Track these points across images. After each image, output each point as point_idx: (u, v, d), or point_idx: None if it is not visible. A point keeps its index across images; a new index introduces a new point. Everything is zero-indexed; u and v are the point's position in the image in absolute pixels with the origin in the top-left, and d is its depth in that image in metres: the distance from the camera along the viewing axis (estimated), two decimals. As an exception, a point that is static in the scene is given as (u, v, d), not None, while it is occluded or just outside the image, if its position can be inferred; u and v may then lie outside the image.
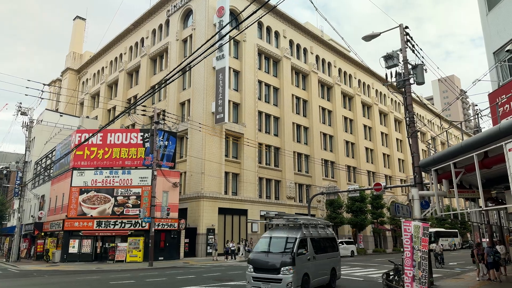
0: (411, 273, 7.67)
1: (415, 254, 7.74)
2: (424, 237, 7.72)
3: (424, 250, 7.66)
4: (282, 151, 39.10)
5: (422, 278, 7.45)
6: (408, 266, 7.75)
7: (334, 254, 13.18)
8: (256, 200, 34.77)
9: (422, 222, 7.87)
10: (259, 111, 37.88)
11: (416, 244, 7.76)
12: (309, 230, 12.07)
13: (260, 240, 12.22)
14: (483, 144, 10.14)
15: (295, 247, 10.69)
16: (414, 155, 13.72)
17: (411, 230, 7.89)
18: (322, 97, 47.29)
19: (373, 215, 41.71)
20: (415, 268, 7.65)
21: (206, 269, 19.08)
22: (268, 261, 10.76)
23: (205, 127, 31.23)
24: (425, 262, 7.56)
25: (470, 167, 11.36)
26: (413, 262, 7.71)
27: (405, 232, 7.90)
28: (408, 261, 7.75)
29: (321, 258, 12.06)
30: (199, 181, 30.99)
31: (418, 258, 7.65)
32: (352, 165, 48.99)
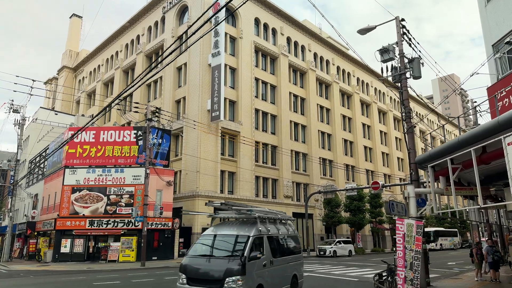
0: (403, 274, 7.21)
1: (407, 254, 7.28)
2: (417, 235, 7.26)
3: (417, 250, 7.20)
4: (279, 150, 38.63)
5: (415, 280, 6.99)
6: (400, 266, 7.29)
7: (296, 257, 10.79)
8: (252, 199, 34.29)
9: (415, 220, 7.40)
10: (256, 109, 37.40)
11: (408, 244, 7.30)
12: (266, 226, 9.50)
13: (200, 239, 9.49)
14: (481, 138, 9.68)
15: (247, 249, 8.14)
16: (410, 151, 13.26)
17: (404, 229, 7.43)
18: (320, 95, 46.80)
19: (372, 214, 41.27)
20: (407, 268, 7.19)
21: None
22: (208, 269, 8.11)
23: (200, 125, 30.76)
24: (417, 263, 7.10)
25: (468, 163, 10.89)
26: (405, 263, 7.24)
27: (397, 231, 7.44)
28: (400, 261, 7.29)
29: (281, 262, 9.60)
30: (194, 180, 30.52)
31: (411, 258, 7.19)
32: (350, 164, 48.52)
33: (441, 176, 12.52)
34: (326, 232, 41.97)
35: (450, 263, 24.08)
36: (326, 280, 14.19)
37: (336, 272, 17.01)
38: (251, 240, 8.41)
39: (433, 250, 44.14)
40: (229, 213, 10.00)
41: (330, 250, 31.84)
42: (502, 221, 22.56)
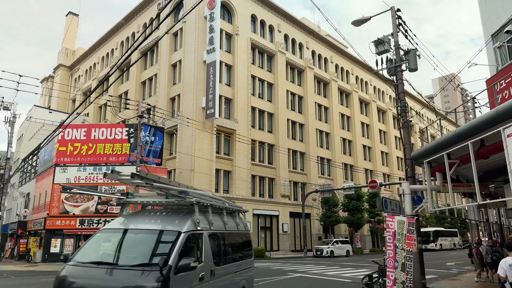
0: (393, 276, 6.62)
1: (398, 253, 6.69)
2: (409, 234, 6.68)
3: (409, 250, 6.62)
4: (276, 148, 38.04)
5: (407, 282, 6.41)
6: (390, 267, 6.70)
7: (246, 262, 7.83)
8: (248, 198, 33.72)
9: (407, 217, 6.83)
10: (253, 107, 36.82)
11: (399, 242, 6.71)
12: (208, 218, 6.47)
13: (97, 235, 6.08)
14: (479, 130, 9.10)
15: (173, 254, 5.18)
16: (405, 146, 12.67)
17: (394, 226, 6.84)
18: (318, 93, 46.21)
19: (370, 214, 40.68)
20: (398, 269, 6.60)
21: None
22: (106, 286, 4.90)
23: (195, 122, 30.18)
24: (410, 264, 6.52)
25: (465, 157, 10.31)
26: (395, 263, 6.66)
27: (387, 229, 6.86)
28: (390, 261, 6.70)
29: (227, 272, 6.66)
30: (188, 179, 29.93)
31: (402, 259, 6.61)
32: (349, 163, 47.92)
33: (437, 172, 11.94)
34: (324, 232, 41.38)
35: (449, 263, 23.49)
36: (317, 281, 13.61)
37: (330, 272, 16.43)
38: (182, 239, 5.38)
39: (432, 250, 43.57)
40: (150, 197, 6.91)
41: (327, 250, 31.25)
42: (502, 220, 21.94)
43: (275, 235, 36.28)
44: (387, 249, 6.79)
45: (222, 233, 6.88)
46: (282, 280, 13.60)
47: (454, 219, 57.60)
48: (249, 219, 33.33)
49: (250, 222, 33.35)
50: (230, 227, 7.41)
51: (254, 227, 33.99)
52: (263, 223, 35.43)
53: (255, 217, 34.34)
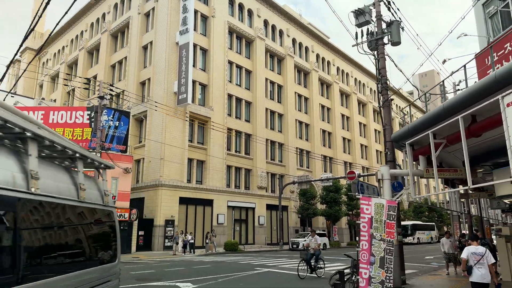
0: (367, 274, 5.20)
1: (375, 245, 5.28)
2: (389, 220, 5.28)
3: (390, 240, 5.22)
4: (253, 138, 36.53)
5: (387, 282, 5.03)
6: (363, 262, 5.28)
7: (99, 271, 4.23)
8: (223, 189, 32.15)
9: (387, 200, 5.42)
10: (229, 94, 35.12)
11: (377, 231, 5.30)
12: (26, 166, 3.06)
13: None
14: (471, 102, 7.79)
15: None
16: (386, 127, 11.34)
17: (371, 211, 5.42)
18: (299, 83, 44.87)
19: (348, 206, 39.82)
20: (374, 266, 5.19)
21: (146, 265, 16.37)
22: None
23: (166, 108, 28.28)
24: (390, 258, 5.13)
25: (454, 137, 9.03)
26: (371, 258, 5.24)
27: (362, 214, 5.43)
28: (364, 255, 5.29)
29: None
30: (158, 168, 28.11)
31: (381, 252, 5.20)
32: (328, 155, 46.92)
33: (420, 155, 10.67)
34: (302, 225, 40.31)
35: (428, 257, 22.65)
36: (285, 277, 12.22)
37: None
38: None
39: (410, 244, 43.18)
40: None
41: (303, 243, 30.02)
42: (483, 212, 21.16)
43: (251, 228, 34.90)
44: (360, 240, 5.36)
45: (55, 207, 3.41)
46: (246, 276, 12.15)
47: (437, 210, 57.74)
48: (224, 211, 31.85)
49: (225, 214, 31.86)
50: (72, 195, 3.76)
51: (228, 219, 32.49)
52: (238, 215, 33.97)
53: (230, 209, 32.84)
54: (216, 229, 30.31)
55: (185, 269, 13.98)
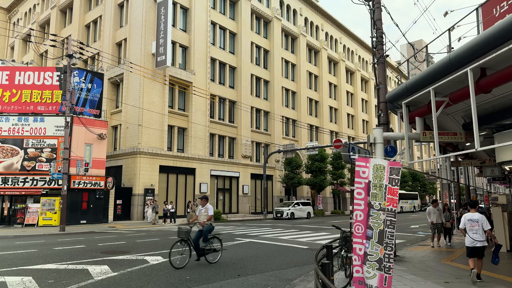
0: (362, 250, 4.21)
1: (373, 216, 4.25)
2: (392, 185, 4.24)
3: (392, 210, 4.20)
4: (238, 105, 35.13)
5: (386, 260, 4.06)
6: (358, 236, 4.28)
7: None
8: (206, 158, 31.04)
9: (389, 161, 4.37)
10: (212, 58, 33.29)
11: (376, 199, 4.27)
12: None
13: None
14: (483, 51, 6.68)
15: None
16: (380, 86, 10.20)
17: (369, 175, 4.36)
18: (286, 49, 43.05)
19: (333, 175, 39.44)
20: (371, 241, 4.19)
21: (119, 235, 15.38)
22: None
23: (143, 70, 26.48)
24: (391, 232, 4.15)
25: (457, 94, 7.96)
26: (368, 231, 4.23)
27: (357, 178, 4.38)
28: (358, 227, 4.28)
29: None
30: (136, 135, 26.66)
31: (379, 225, 4.19)
32: (314, 124, 46.02)
33: (417, 117, 9.65)
34: (286, 194, 39.92)
35: (414, 226, 22.38)
36: (266, 248, 11.39)
37: (285, 237, 14.36)
38: None
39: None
40: None
41: (288, 212, 29.62)
42: (470, 181, 20.75)
43: (235, 197, 34.22)
44: (354, 210, 4.33)
45: None
46: (225, 247, 11.25)
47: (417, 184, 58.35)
48: (207, 180, 30.93)
49: (208, 183, 30.95)
50: None
51: (212, 188, 31.65)
52: (222, 184, 33.13)
53: (213, 178, 31.92)
54: (197, 198, 29.43)
55: (159, 240, 13.02)
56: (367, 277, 4.10)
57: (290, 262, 8.76)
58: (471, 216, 7.15)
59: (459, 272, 7.68)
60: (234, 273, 7.38)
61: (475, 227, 7.00)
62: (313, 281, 6.56)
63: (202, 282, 6.59)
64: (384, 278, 4.11)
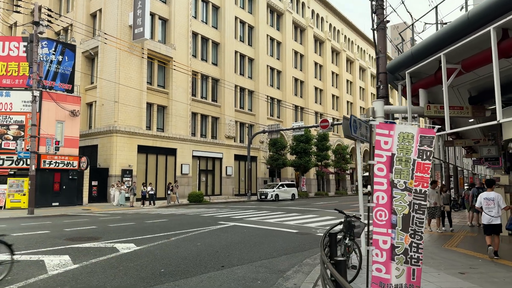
0: (387, 242, 3.27)
1: (396, 198, 3.29)
2: (422, 160, 3.29)
3: (421, 191, 3.26)
4: (221, 83, 33.72)
5: (413, 251, 3.14)
6: (380, 225, 3.32)
7: None
8: (188, 138, 29.75)
9: (419, 127, 3.39)
10: (194, 32, 31.57)
11: (401, 177, 3.31)
12: None
13: None
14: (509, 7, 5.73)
15: None
16: (379, 55, 9.19)
17: (392, 145, 3.37)
18: (271, 25, 41.49)
19: (318, 157, 38.86)
20: (396, 229, 3.24)
21: (91, 219, 14.20)
22: None
23: (120, 42, 24.69)
24: (420, 218, 3.22)
25: (472, 61, 7.04)
26: (392, 217, 3.28)
27: (377, 150, 3.39)
28: (381, 214, 3.33)
29: None
30: (112, 112, 25.08)
31: (404, 208, 3.25)
32: (299, 105, 45.07)
33: (421, 89, 8.75)
34: (270, 176, 39.21)
35: (400, 207, 21.96)
36: (253, 232, 10.48)
37: (272, 220, 13.50)
38: None
39: (376, 194, 43.61)
40: None
41: (272, 194, 28.90)
42: (457, 162, 20.37)
43: (218, 179, 33.24)
44: (375, 191, 3.37)
45: None
46: (207, 232, 10.28)
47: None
48: (188, 161, 29.75)
49: (189, 164, 29.79)
50: None
51: (194, 170, 30.52)
52: (205, 166, 32.03)
53: (196, 159, 30.76)
54: (180, 179, 28.34)
55: (134, 225, 11.93)
56: (397, 276, 3.18)
57: (280, 249, 7.86)
58: (487, 195, 7.29)
59: (469, 260, 6.97)
60: (218, 264, 6.41)
61: (491, 205, 7.17)
62: (310, 273, 5.66)
63: (180, 276, 5.59)
64: (411, 272, 3.20)
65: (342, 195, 41.75)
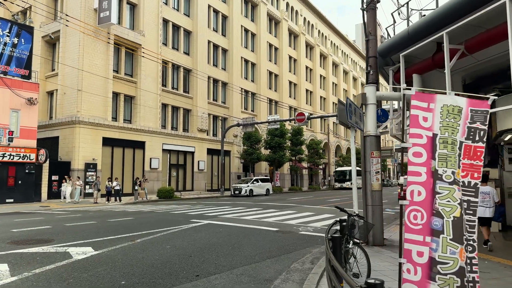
0: (424, 255, 2.38)
1: (441, 195, 2.42)
2: (473, 141, 2.45)
3: (471, 183, 2.42)
4: (194, 74, 32.32)
5: (468, 270, 2.29)
6: (415, 231, 2.43)
7: None
8: (157, 131, 28.25)
9: (468, 99, 2.55)
10: (165, 19, 29.97)
11: (446, 165, 2.45)
12: None
13: None
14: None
15: None
16: (369, 38, 8.41)
17: (433, 122, 2.50)
18: (246, 16, 40.37)
19: (292, 152, 38.34)
20: (443, 237, 2.37)
21: (48, 217, 12.75)
22: None
23: (84, 26, 22.83)
24: (471, 220, 2.38)
25: (477, 40, 6.38)
26: (434, 221, 2.40)
27: (414, 129, 2.50)
28: (416, 216, 2.44)
29: None
30: (74, 101, 23.23)
31: (454, 208, 2.40)
32: (274, 99, 44.35)
33: (415, 74, 8.07)
34: (244, 171, 38.30)
35: (376, 202, 21.63)
36: (230, 231, 9.53)
37: (249, 218, 12.59)
38: None
39: (349, 189, 43.72)
40: None
41: (246, 189, 28.02)
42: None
43: (189, 174, 31.93)
44: (408, 183, 2.49)
45: None
46: (178, 232, 9.21)
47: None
48: (158, 155, 28.30)
49: (159, 158, 28.34)
50: None
51: (164, 164, 29.09)
52: (175, 160, 30.63)
53: (166, 153, 29.32)
54: (149, 174, 26.87)
55: (96, 224, 10.65)
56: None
57: (262, 252, 6.95)
58: (483, 189, 7.41)
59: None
60: (191, 273, 5.41)
61: (486, 199, 7.43)
62: (303, 283, 4.77)
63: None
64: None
65: (315, 190, 41.49)
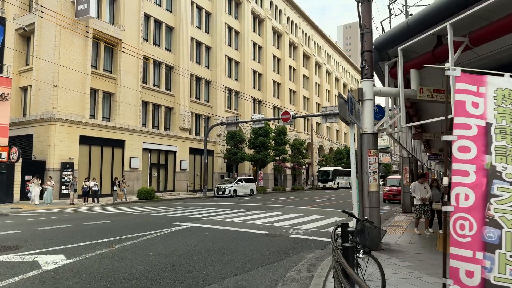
0: (476, 274, 1.90)
1: (500, 199, 1.94)
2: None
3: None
4: (176, 71, 31.47)
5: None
6: (462, 243, 1.93)
7: None
8: (138, 129, 27.30)
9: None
10: (146, 14, 29.03)
11: (506, 160, 1.97)
12: None
13: None
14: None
15: None
16: (365, 31, 8.01)
17: (486, 109, 2.02)
18: (229, 13, 39.73)
19: (276, 151, 37.95)
20: (499, 253, 1.90)
21: (18, 220, 11.84)
22: None
23: (60, 18, 21.71)
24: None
25: (485, 31, 6.02)
26: (488, 231, 1.92)
27: (460, 117, 2.01)
28: (463, 225, 1.94)
29: None
30: (50, 98, 22.09)
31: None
32: (258, 98, 43.89)
33: (413, 70, 7.70)
34: (228, 171, 37.66)
35: (362, 202, 21.44)
36: (217, 235, 8.94)
37: (236, 220, 12.02)
38: None
39: (331, 189, 43.85)
40: None
41: (230, 190, 27.42)
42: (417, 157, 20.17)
43: (171, 174, 31.07)
44: (453, 185, 2.01)
45: None
46: (161, 236, 8.56)
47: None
48: (138, 154, 27.36)
49: (139, 157, 27.40)
50: None
51: (144, 164, 28.15)
52: (157, 159, 29.72)
53: (146, 152, 28.39)
54: (129, 174, 25.89)
55: (70, 227, 9.86)
56: None
57: (253, 258, 6.40)
58: None
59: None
60: (176, 285, 4.82)
61: None
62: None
63: (123, 308, 3.94)
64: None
65: (299, 190, 41.24)
